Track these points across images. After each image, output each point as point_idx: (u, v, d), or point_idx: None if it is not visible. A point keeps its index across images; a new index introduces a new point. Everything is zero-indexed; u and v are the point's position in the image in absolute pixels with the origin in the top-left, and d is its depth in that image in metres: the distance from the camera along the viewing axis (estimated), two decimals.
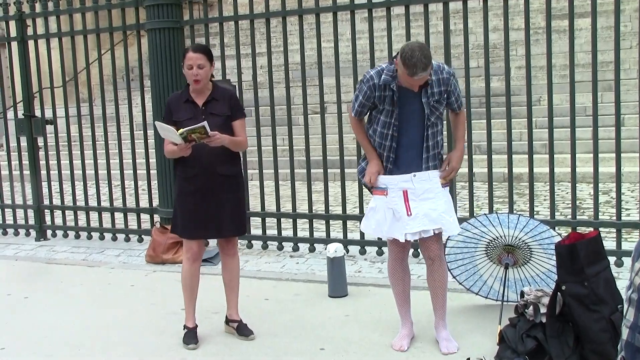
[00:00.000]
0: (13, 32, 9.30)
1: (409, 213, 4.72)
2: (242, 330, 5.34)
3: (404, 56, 4.40)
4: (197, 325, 5.32)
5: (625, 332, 2.35)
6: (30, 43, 9.16)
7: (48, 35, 9.04)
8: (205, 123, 4.85)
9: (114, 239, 8.86)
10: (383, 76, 4.64)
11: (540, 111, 12.70)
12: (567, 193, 10.09)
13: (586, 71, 13.01)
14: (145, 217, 8.81)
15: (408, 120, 4.74)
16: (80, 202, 9.28)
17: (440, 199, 4.77)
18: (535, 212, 7.03)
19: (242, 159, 5.62)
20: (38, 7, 9.05)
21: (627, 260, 6.46)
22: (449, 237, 5.40)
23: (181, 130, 4.80)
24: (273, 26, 11.10)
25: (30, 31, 9.19)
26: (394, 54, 7.45)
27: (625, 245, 6.69)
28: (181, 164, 5.14)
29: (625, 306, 2.36)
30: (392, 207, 4.78)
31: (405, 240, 4.79)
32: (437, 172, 4.81)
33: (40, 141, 9.30)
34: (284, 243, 7.93)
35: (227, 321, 5.44)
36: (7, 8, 9.26)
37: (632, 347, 2.32)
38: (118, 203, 9.12)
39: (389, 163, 4.82)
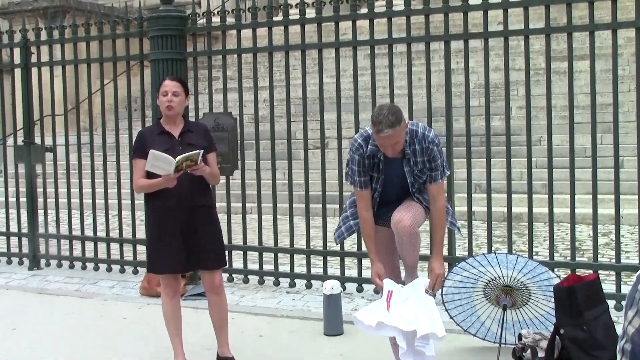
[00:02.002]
0: (17, 59, 9.30)
1: (388, 309, 4.67)
2: None
3: (373, 114, 4.48)
4: None
5: None
6: (34, 70, 9.18)
7: (52, 62, 9.05)
8: (201, 151, 4.89)
9: (109, 269, 8.78)
10: (369, 146, 4.68)
11: (540, 151, 12.68)
12: (566, 234, 10.04)
13: (586, 113, 12.96)
14: (141, 248, 8.74)
15: (393, 188, 4.79)
16: (76, 232, 9.22)
17: (420, 305, 4.68)
18: (534, 253, 6.99)
19: (244, 192, 5.60)
20: (43, 35, 9.08)
21: (623, 321, 6.40)
22: (447, 277, 5.35)
23: (178, 158, 4.79)
24: (276, 60, 11.03)
25: (34, 58, 9.21)
26: (395, 91, 7.49)
27: (625, 289, 6.62)
28: (157, 197, 5.09)
29: (619, 357, 2.32)
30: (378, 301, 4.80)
31: None
32: (424, 280, 4.77)
33: (38, 169, 9.26)
34: (280, 278, 7.87)
35: (219, 358, 5.38)
36: (13, 35, 9.27)
37: None
38: (114, 233, 9.08)
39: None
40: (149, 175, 5.01)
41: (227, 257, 5.43)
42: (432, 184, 4.76)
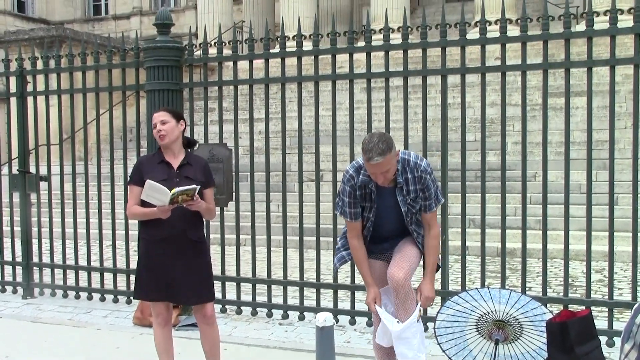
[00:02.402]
0: (13, 88, 9.32)
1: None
2: None
3: (363, 141, 4.49)
4: None
5: None
6: (29, 99, 9.18)
7: (47, 92, 9.06)
8: (198, 186, 4.89)
9: (102, 299, 8.76)
10: (361, 177, 4.69)
11: (535, 187, 12.72)
12: (559, 270, 10.04)
13: (581, 149, 13.07)
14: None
15: (386, 218, 4.80)
16: (70, 261, 9.20)
17: (416, 337, 4.87)
18: (527, 288, 6.98)
19: (238, 223, 5.60)
20: (40, 64, 9.11)
21: (618, 341, 6.38)
22: (439, 311, 5.35)
23: (174, 190, 4.79)
24: (272, 92, 11.09)
25: (30, 87, 9.22)
26: (391, 124, 7.53)
27: (617, 325, 6.62)
28: (150, 225, 5.10)
29: None
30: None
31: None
32: (416, 311, 4.87)
33: (33, 198, 9.26)
34: (273, 310, 7.85)
35: None
36: (9, 64, 9.30)
37: None
38: (108, 263, 9.06)
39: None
40: (144, 203, 5.02)
41: (214, 290, 5.40)
42: (427, 213, 4.77)
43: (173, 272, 5.09)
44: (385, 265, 4.93)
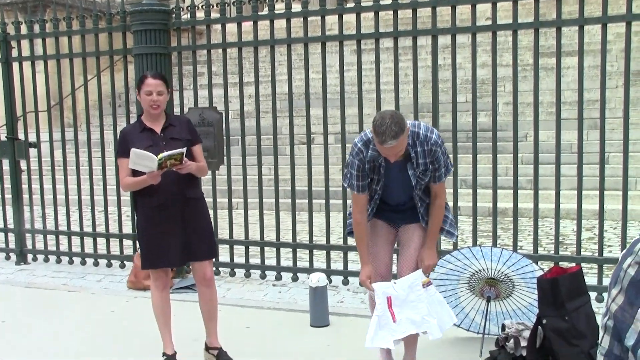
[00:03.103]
0: None
1: (394, 320, 4.71)
2: (222, 358, 5.30)
3: (375, 123, 4.32)
4: (176, 352, 5.28)
5: None
6: (15, 65, 9.10)
7: (33, 57, 8.99)
8: (184, 149, 4.88)
9: (96, 264, 8.79)
10: (370, 152, 4.58)
11: (526, 147, 12.72)
12: (550, 229, 10.09)
13: (572, 109, 13.05)
14: (127, 242, 8.75)
15: (394, 190, 4.76)
16: (63, 227, 9.21)
17: (422, 302, 4.73)
18: (518, 247, 7.03)
19: (230, 187, 5.59)
20: (24, 29, 9.01)
21: (606, 299, 6.45)
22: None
23: (161, 155, 4.76)
24: (262, 56, 11.01)
25: (15, 53, 9.14)
26: (382, 86, 7.52)
27: (606, 281, 6.67)
28: (146, 194, 5.07)
29: (601, 333, 2.36)
30: (378, 315, 4.75)
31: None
32: (418, 272, 4.78)
33: (23, 164, 9.24)
34: (267, 272, 7.90)
35: (207, 348, 5.40)
36: None
37: None
38: (101, 229, 9.07)
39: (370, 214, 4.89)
40: (135, 173, 5.01)
41: (217, 248, 5.41)
42: (436, 184, 4.71)
43: (177, 234, 5.09)
44: (390, 228, 4.91)
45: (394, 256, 5.01)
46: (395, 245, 5.02)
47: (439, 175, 4.66)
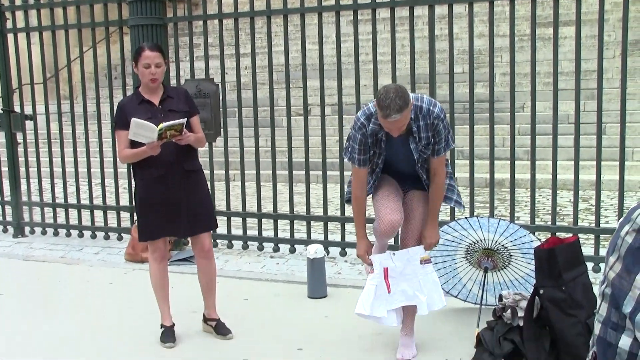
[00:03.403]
0: None
1: (389, 291, 4.75)
2: (220, 329, 5.32)
3: (379, 97, 4.30)
4: (174, 324, 5.30)
5: (597, 327, 2.36)
6: (10, 37, 9.05)
7: (28, 29, 8.93)
8: (184, 120, 4.87)
9: (93, 236, 8.80)
10: (371, 125, 4.55)
11: (523, 118, 12.73)
12: (547, 199, 10.12)
13: (569, 79, 13.06)
14: (125, 215, 8.75)
15: (396, 164, 4.75)
16: (60, 200, 9.21)
17: (417, 277, 4.76)
18: (515, 218, 7.04)
19: (227, 158, 5.58)
20: (18, 0, 8.94)
21: (604, 266, 6.47)
22: None
23: (161, 126, 4.76)
24: (258, 27, 11.00)
25: (9, 24, 9.08)
26: (378, 57, 7.50)
27: (603, 252, 6.64)
28: (144, 165, 5.06)
29: (599, 301, 2.37)
30: (375, 284, 4.78)
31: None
32: (419, 248, 4.79)
33: (19, 137, 9.22)
34: (264, 243, 7.91)
35: (205, 320, 5.42)
36: None
37: (604, 342, 2.33)
38: (98, 201, 9.08)
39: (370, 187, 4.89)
40: (133, 144, 5.00)
41: (216, 219, 5.42)
42: (435, 157, 4.69)
43: (175, 206, 5.09)
44: (397, 185, 4.90)
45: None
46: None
47: (438, 149, 4.64)
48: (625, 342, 2.25)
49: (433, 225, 4.84)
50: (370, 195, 4.95)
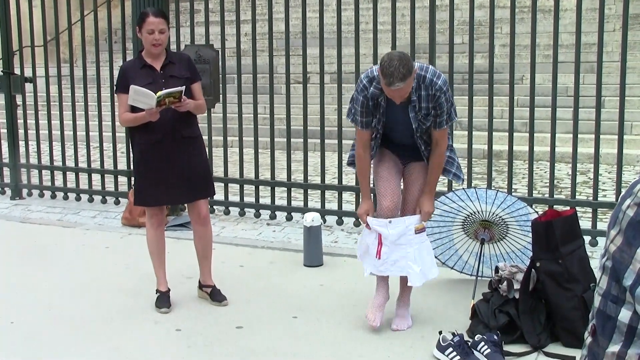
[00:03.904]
0: None
1: (378, 257, 4.76)
2: (216, 296, 5.34)
3: (383, 64, 4.28)
4: (169, 289, 5.32)
5: (597, 300, 2.37)
6: (12, 0, 9.00)
7: None
8: (183, 87, 4.87)
9: (91, 200, 8.81)
10: (372, 89, 4.54)
11: (522, 90, 12.69)
12: (545, 172, 10.12)
13: (569, 52, 13.00)
14: (122, 179, 8.75)
15: (396, 131, 4.73)
16: (58, 163, 9.21)
17: (412, 247, 4.76)
18: (513, 190, 7.05)
19: (225, 125, 5.57)
20: None
21: (601, 241, 6.50)
22: None
23: (160, 93, 4.77)
24: None
25: None
26: (379, 27, 7.45)
27: (601, 225, 6.72)
28: (142, 130, 5.07)
29: (599, 274, 2.38)
30: (368, 243, 4.82)
31: None
32: (415, 217, 4.79)
33: (18, 100, 9.20)
34: (261, 211, 7.92)
35: (201, 286, 5.45)
36: None
37: (603, 315, 2.34)
38: (96, 165, 9.07)
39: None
40: (134, 109, 5.00)
41: (214, 187, 5.43)
42: (437, 130, 4.67)
43: (172, 172, 5.09)
44: (397, 159, 4.89)
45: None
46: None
47: (439, 121, 4.62)
48: (625, 315, 2.26)
49: (430, 195, 4.84)
50: (372, 167, 4.96)
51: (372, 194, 5.05)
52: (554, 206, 6.65)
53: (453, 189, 6.33)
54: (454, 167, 4.95)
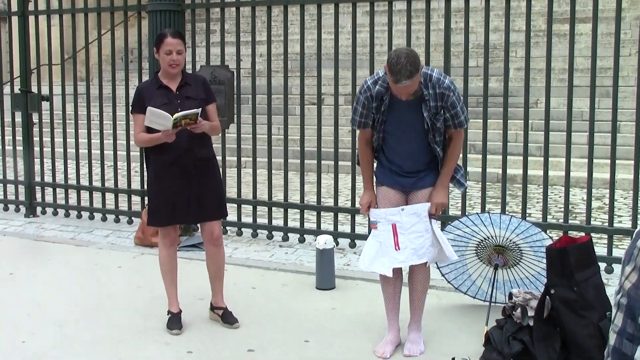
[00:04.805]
0: (14, 7, 9.20)
1: (397, 248, 4.73)
2: (227, 318, 5.32)
3: (390, 61, 4.30)
4: (181, 311, 5.30)
5: (612, 338, 2.34)
6: (31, 18, 9.07)
7: (49, 11, 8.97)
8: (199, 110, 4.88)
9: (104, 219, 8.82)
10: (377, 87, 4.57)
11: (536, 114, 12.68)
12: (560, 197, 10.08)
13: (585, 76, 12.98)
14: (136, 198, 8.76)
15: (406, 132, 4.69)
16: (72, 181, 9.23)
17: (428, 234, 4.74)
18: (527, 215, 7.01)
19: (239, 146, 5.58)
20: None
21: (617, 267, 6.45)
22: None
23: (176, 115, 4.79)
24: (274, 15, 10.94)
25: (31, 6, 9.11)
26: (394, 49, 7.46)
27: (616, 252, 6.67)
28: (157, 151, 5.09)
29: (614, 311, 2.35)
30: (380, 241, 4.79)
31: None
32: (426, 204, 4.76)
33: (35, 117, 9.25)
34: (274, 232, 7.91)
35: (212, 308, 5.42)
36: None
37: (619, 353, 2.31)
38: (110, 184, 9.09)
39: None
40: (149, 130, 5.02)
41: (226, 208, 5.42)
42: (456, 129, 4.68)
43: (186, 193, 5.10)
44: (399, 195, 4.85)
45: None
46: None
47: (458, 122, 4.65)
48: None
49: (443, 186, 4.81)
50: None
51: (374, 185, 5.01)
52: (569, 232, 6.61)
53: (467, 214, 6.30)
54: (458, 174, 4.93)
